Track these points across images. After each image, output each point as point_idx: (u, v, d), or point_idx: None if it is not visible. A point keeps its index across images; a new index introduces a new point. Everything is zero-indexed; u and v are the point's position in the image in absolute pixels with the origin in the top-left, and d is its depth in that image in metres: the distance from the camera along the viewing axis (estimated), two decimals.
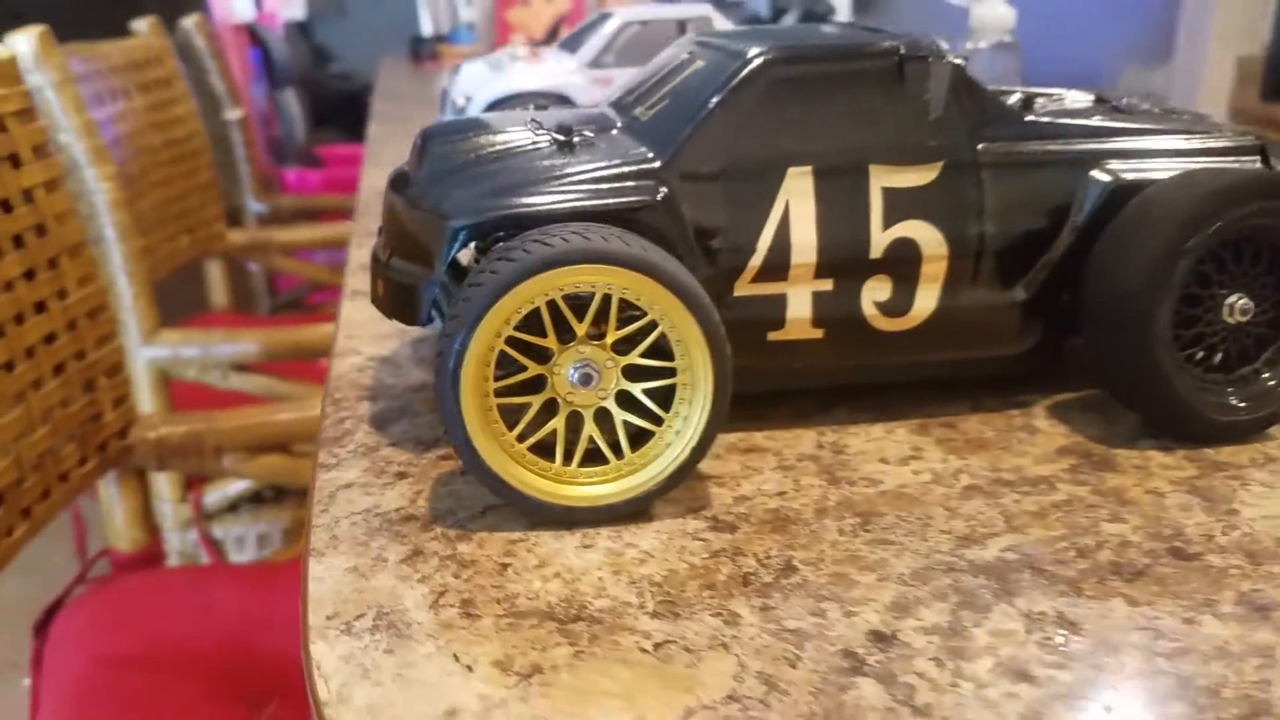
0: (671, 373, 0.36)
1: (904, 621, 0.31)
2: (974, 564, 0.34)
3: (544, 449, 0.37)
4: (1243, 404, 0.42)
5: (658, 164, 0.40)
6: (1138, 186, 0.42)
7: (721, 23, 0.84)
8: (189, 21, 1.56)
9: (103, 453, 0.71)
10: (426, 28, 2.68)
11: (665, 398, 0.37)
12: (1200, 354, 0.42)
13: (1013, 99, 0.49)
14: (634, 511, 0.37)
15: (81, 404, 0.67)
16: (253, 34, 2.71)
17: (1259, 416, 0.42)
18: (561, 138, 0.41)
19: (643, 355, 0.36)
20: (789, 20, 1.62)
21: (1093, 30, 1.63)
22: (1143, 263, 0.40)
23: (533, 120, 0.44)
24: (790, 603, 0.32)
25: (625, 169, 0.40)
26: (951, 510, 0.37)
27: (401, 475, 0.40)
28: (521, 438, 0.36)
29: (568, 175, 0.40)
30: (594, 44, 0.81)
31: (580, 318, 0.35)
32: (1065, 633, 0.30)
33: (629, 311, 0.36)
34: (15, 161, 0.61)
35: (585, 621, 0.31)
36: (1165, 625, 0.30)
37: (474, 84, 0.80)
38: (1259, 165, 0.45)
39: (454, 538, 0.36)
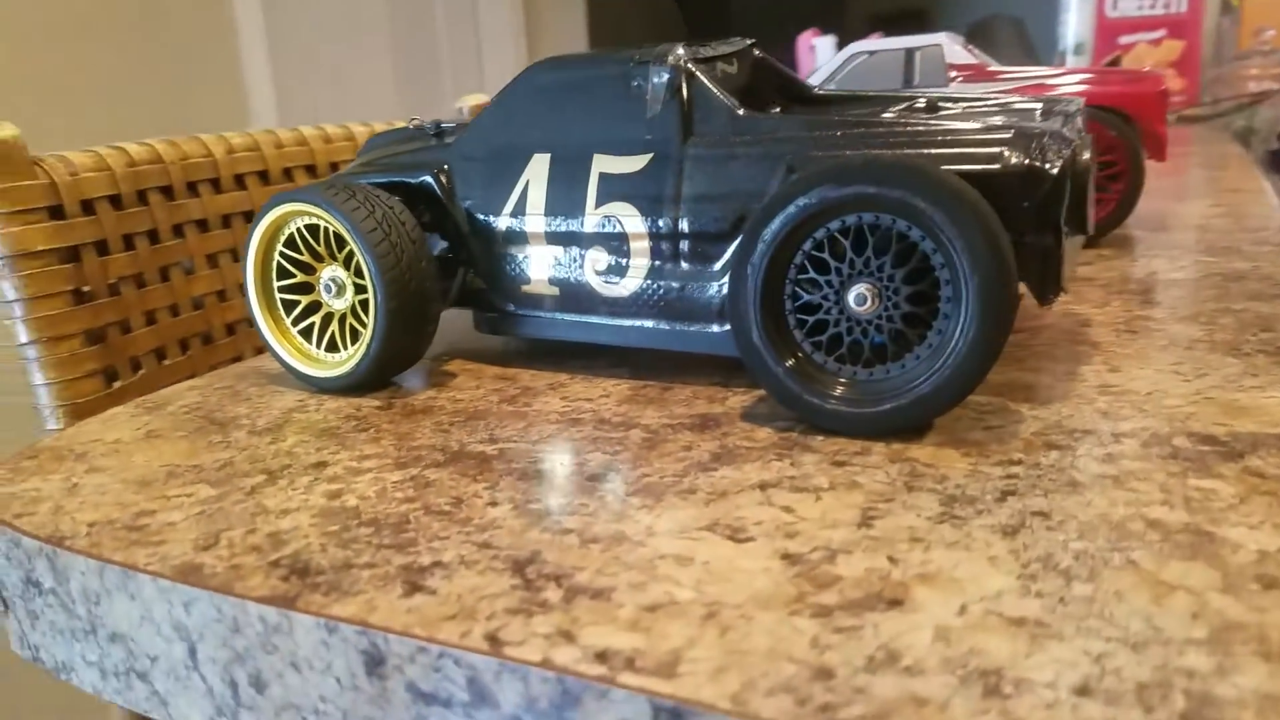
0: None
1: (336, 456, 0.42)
2: (445, 450, 0.43)
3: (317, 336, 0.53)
4: (848, 398, 0.42)
5: (445, 150, 0.54)
6: None
7: (953, 52, 0.85)
8: None
9: None
10: None
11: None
12: (835, 345, 0.43)
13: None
14: (349, 386, 0.52)
15: None
16: None
17: (863, 414, 0.41)
18: (433, 131, 0.57)
19: (356, 275, 0.51)
20: None
21: None
22: (741, 242, 0.43)
23: (438, 124, 0.60)
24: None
25: (428, 153, 0.54)
26: (526, 421, 0.45)
27: None
28: (299, 326, 0.54)
29: (401, 158, 0.56)
30: (821, 73, 0.89)
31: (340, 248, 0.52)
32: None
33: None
34: None
35: (209, 423, 0.48)
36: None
37: None
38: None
39: (234, 380, 0.55)
